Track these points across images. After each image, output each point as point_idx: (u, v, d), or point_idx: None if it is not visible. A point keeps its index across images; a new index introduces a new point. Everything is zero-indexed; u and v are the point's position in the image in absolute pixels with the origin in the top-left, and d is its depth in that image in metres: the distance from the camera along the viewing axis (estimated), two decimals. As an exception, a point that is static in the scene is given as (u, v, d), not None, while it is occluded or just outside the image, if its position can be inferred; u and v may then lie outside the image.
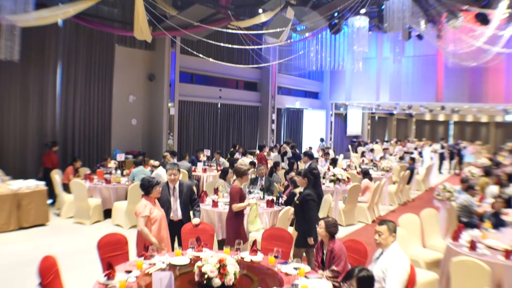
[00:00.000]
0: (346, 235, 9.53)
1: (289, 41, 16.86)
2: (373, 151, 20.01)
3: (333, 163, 13.26)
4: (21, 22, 8.39)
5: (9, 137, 11.58)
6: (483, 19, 14.30)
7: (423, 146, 25.87)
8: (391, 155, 19.59)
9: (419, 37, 17.77)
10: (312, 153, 10.45)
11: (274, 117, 22.26)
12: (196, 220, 6.16)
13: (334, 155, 17.84)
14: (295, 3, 13.59)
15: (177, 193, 6.38)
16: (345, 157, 23.03)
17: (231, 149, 16.61)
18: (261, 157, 15.04)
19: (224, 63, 14.66)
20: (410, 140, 29.18)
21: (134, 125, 15.71)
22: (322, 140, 23.46)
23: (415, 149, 23.62)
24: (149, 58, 15.99)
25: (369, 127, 32.80)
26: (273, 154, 17.17)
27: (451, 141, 30.51)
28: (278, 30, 12.67)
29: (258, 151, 16.69)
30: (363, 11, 13.92)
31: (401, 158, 18.17)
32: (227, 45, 13.10)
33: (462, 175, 11.24)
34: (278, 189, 9.90)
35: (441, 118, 37.70)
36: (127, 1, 13.54)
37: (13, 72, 11.37)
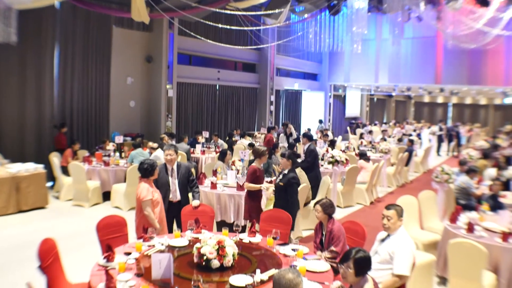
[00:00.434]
0: (344, 217, 9.58)
1: (287, 22, 16.73)
2: (371, 133, 20.00)
3: (332, 144, 13.25)
4: (18, 4, 8.31)
5: (7, 120, 11.54)
6: (483, 1, 14.16)
7: (422, 128, 25.85)
8: (390, 137, 19.58)
9: (419, 18, 17.62)
10: (311, 135, 10.44)
11: (272, 98, 22.19)
12: (195, 202, 6.17)
13: (332, 137, 17.83)
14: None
15: (175, 174, 6.37)
16: (343, 139, 23.04)
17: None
18: (269, 138, 15.00)
19: (222, 45, 14.56)
20: (409, 122, 29.16)
21: (132, 107, 15.65)
22: (320, 121, 23.45)
23: (414, 131, 23.62)
24: (147, 39, 15.87)
25: (367, 108, 32.76)
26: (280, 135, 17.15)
27: (450, 123, 30.51)
28: (276, 11, 12.57)
29: (265, 133, 16.61)
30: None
31: (400, 140, 18.17)
32: (225, 26, 13.02)
33: (460, 157, 11.26)
34: (277, 171, 9.91)
35: (440, 100, 37.62)
36: (124, -18, 13.40)
37: (10, 55, 11.27)
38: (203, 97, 18.56)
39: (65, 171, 10.53)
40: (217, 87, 19.33)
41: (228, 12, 12.78)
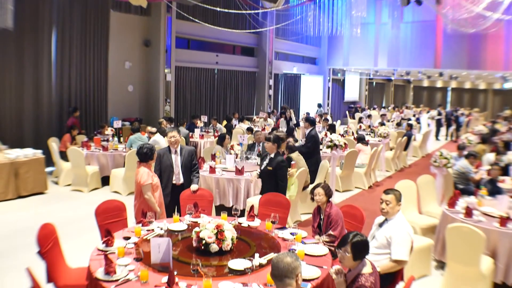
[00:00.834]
0: (342, 201, 9.60)
1: (286, 6, 16.62)
2: (370, 117, 19.96)
3: (331, 129, 13.23)
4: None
5: (5, 106, 11.47)
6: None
7: (421, 112, 25.84)
8: (389, 121, 19.57)
9: (418, 2, 17.47)
10: (313, 119, 10.31)
11: (271, 82, 22.12)
12: (194, 186, 6.18)
13: (332, 121, 17.81)
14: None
15: (179, 157, 6.37)
16: (342, 123, 23.03)
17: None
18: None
19: (220, 28, 14.49)
20: (408, 106, 29.10)
21: (130, 92, 15.59)
22: (319, 105, 23.40)
23: (414, 115, 23.61)
24: (145, 23, 15.75)
25: (366, 93, 32.69)
26: (272, 120, 17.13)
27: (449, 108, 30.47)
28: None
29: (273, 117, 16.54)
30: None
31: (398, 124, 18.17)
32: (223, 9, 12.94)
33: (459, 142, 11.26)
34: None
35: (439, 84, 37.54)
36: (121, -35, 13.27)
37: (7, 40, 11.16)
38: (202, 82, 18.49)
39: (63, 156, 10.52)
40: (216, 71, 19.25)
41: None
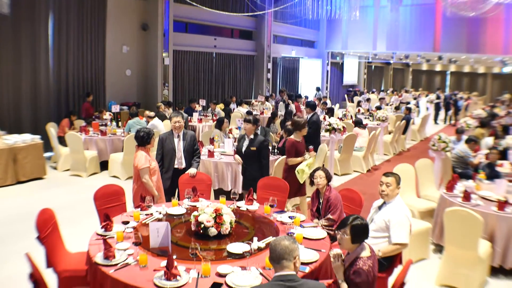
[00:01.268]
0: (341, 184, 9.62)
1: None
2: (369, 100, 19.93)
3: (330, 112, 13.21)
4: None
5: (3, 92, 11.41)
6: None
7: (419, 96, 25.79)
8: (387, 105, 19.54)
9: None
10: (314, 104, 10.25)
11: (269, 66, 22.03)
12: (192, 170, 6.17)
13: (330, 105, 17.77)
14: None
15: (181, 142, 6.36)
16: (341, 107, 22.99)
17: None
18: (296, 107, 14.92)
19: (218, 11, 14.40)
20: (408, 90, 29.01)
21: (128, 76, 15.51)
22: (318, 89, 23.33)
23: (414, 99, 23.58)
24: (142, 7, 15.61)
25: (365, 76, 32.58)
26: (270, 103, 17.06)
27: (448, 92, 30.40)
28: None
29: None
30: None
31: (397, 108, 18.15)
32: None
33: (457, 126, 11.26)
34: (274, 140, 9.90)
35: (438, 68, 37.42)
36: None
37: (4, 26, 11.07)
38: (200, 65, 18.40)
39: (62, 141, 10.50)
40: (214, 55, 19.15)
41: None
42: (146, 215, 4.73)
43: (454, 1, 16.55)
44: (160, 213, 4.80)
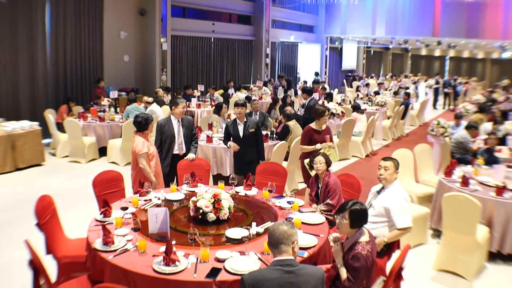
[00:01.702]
0: (340, 169, 9.63)
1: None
2: (368, 85, 19.87)
3: (329, 97, 13.18)
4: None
5: (1, 79, 11.33)
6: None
7: (418, 81, 25.73)
8: (386, 90, 19.49)
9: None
10: (311, 89, 10.19)
11: (268, 51, 21.93)
12: (191, 155, 6.17)
13: (329, 90, 17.73)
14: None
15: (181, 128, 6.36)
16: (340, 92, 22.92)
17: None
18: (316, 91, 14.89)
19: (217, -4, 14.27)
20: (407, 75, 28.94)
21: (126, 62, 15.43)
22: (317, 74, 23.25)
23: (414, 83, 23.52)
24: (140, -8, 15.50)
25: (364, 61, 32.46)
26: (269, 88, 17.01)
27: (447, 77, 30.32)
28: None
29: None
30: None
31: (396, 93, 18.11)
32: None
33: (456, 111, 11.24)
34: (273, 125, 9.89)
35: (437, 53, 37.30)
36: None
37: (1, 13, 10.98)
38: (198, 50, 18.31)
39: (60, 127, 10.48)
40: (212, 40, 19.04)
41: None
42: (144, 200, 4.74)
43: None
44: (158, 199, 4.80)
